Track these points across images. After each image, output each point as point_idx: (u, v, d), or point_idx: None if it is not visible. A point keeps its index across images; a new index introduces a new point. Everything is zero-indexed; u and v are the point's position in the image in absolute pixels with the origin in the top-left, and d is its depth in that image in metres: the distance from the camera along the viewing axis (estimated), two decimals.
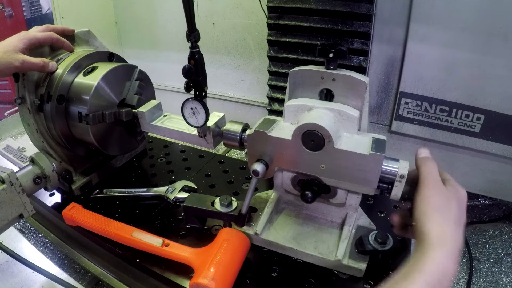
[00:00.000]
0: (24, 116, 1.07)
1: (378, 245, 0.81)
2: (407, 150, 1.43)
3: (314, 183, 0.82)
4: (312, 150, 0.75)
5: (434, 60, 1.21)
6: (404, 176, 0.72)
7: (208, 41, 1.92)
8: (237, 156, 1.86)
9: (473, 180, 1.35)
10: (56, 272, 1.06)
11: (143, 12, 2.11)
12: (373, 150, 0.71)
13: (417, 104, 1.29)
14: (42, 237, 1.28)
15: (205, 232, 0.96)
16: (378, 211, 1.02)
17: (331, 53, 0.75)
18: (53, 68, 1.00)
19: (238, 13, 1.78)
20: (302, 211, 0.96)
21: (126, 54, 1.28)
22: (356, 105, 0.80)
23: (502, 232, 1.38)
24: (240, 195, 1.11)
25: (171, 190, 1.09)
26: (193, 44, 0.75)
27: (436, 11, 1.14)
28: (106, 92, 1.05)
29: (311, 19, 1.21)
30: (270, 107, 1.42)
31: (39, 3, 2.82)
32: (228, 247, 0.80)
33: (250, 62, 1.89)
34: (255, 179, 0.83)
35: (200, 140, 0.95)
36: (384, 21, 1.25)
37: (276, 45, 1.32)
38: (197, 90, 0.81)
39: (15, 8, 2.48)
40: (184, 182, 1.13)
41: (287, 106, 0.82)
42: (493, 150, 1.23)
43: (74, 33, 1.15)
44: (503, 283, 1.18)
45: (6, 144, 1.64)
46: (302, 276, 0.83)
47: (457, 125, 1.26)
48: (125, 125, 1.14)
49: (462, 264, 1.26)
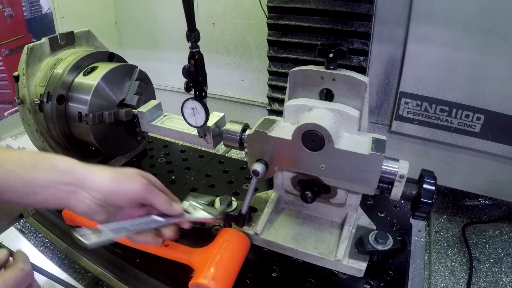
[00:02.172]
0: (24, 116, 1.07)
1: (378, 245, 0.81)
2: (407, 150, 1.43)
3: (314, 183, 0.82)
4: (312, 150, 0.75)
5: (434, 60, 1.21)
6: (404, 176, 0.73)
7: (208, 41, 1.92)
8: (237, 156, 1.86)
9: (473, 180, 1.35)
10: (56, 272, 1.06)
11: (143, 12, 2.11)
12: (373, 150, 0.71)
13: (417, 104, 1.29)
14: (42, 237, 1.28)
15: (205, 232, 0.96)
16: (378, 211, 1.02)
17: (331, 53, 0.76)
18: None
19: (238, 13, 1.78)
20: (302, 211, 0.96)
21: (126, 54, 1.28)
22: (356, 105, 0.80)
23: (502, 232, 1.38)
24: (240, 195, 1.11)
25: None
26: (193, 44, 0.75)
27: (436, 11, 1.14)
28: (106, 92, 1.05)
29: (311, 19, 1.21)
30: (270, 107, 1.41)
31: (39, 3, 2.82)
32: (228, 247, 0.80)
33: (250, 62, 1.89)
34: (255, 179, 0.83)
35: (200, 140, 0.95)
36: (384, 21, 1.24)
37: (276, 45, 1.32)
38: (197, 90, 0.81)
39: (15, 8, 2.48)
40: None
41: (287, 106, 0.82)
42: (493, 150, 1.23)
43: (74, 33, 1.16)
44: (503, 283, 1.18)
45: (6, 144, 1.64)
46: (302, 276, 0.83)
47: (457, 125, 1.25)
48: (125, 125, 1.14)
49: (462, 264, 1.26)
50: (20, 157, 0.64)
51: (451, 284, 1.20)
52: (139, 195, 0.69)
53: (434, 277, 1.22)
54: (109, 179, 0.67)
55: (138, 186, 0.68)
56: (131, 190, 0.68)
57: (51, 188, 0.63)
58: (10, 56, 2.44)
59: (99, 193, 0.66)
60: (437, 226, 1.44)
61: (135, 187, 0.68)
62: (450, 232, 1.41)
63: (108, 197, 0.67)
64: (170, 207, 0.73)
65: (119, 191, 0.67)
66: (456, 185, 1.40)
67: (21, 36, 2.53)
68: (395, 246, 0.81)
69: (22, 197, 0.63)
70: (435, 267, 1.26)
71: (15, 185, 0.62)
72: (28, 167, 0.63)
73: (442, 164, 1.38)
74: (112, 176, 0.68)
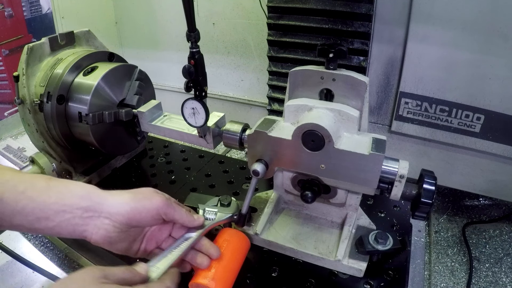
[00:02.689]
0: (24, 116, 1.07)
1: (378, 245, 0.81)
2: (407, 150, 1.43)
3: (314, 183, 0.82)
4: (312, 150, 0.75)
5: (434, 60, 1.21)
6: (404, 176, 0.73)
7: (208, 41, 1.92)
8: (237, 156, 1.86)
9: (473, 180, 1.35)
10: (56, 272, 1.06)
11: (143, 12, 2.11)
12: (373, 150, 0.71)
13: (417, 104, 1.29)
14: (42, 237, 1.28)
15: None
16: (378, 211, 1.02)
17: (331, 53, 0.75)
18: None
19: (238, 13, 1.78)
20: (302, 211, 0.96)
21: (126, 54, 1.28)
22: (356, 105, 0.80)
23: (502, 232, 1.38)
24: (240, 195, 1.11)
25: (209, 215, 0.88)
26: (193, 44, 0.75)
27: (436, 11, 1.14)
28: (106, 92, 1.05)
29: (311, 19, 1.21)
30: (270, 107, 1.41)
31: (39, 3, 2.82)
32: (228, 247, 0.80)
33: (250, 62, 1.88)
34: (255, 179, 0.83)
35: (200, 140, 0.95)
36: (384, 21, 1.24)
37: (276, 45, 1.32)
38: (197, 90, 0.81)
39: (15, 8, 2.48)
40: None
41: (287, 106, 0.82)
42: (493, 150, 1.23)
43: (74, 33, 1.16)
44: (503, 283, 1.18)
45: (6, 144, 1.64)
46: (302, 276, 0.83)
47: (457, 125, 1.25)
48: (125, 125, 1.15)
49: (462, 264, 1.26)
50: (33, 179, 0.60)
51: (451, 284, 1.20)
52: (161, 210, 0.67)
53: (434, 277, 1.22)
54: (128, 199, 0.64)
55: (158, 201, 0.67)
56: (153, 206, 0.66)
57: (65, 213, 0.59)
58: (10, 56, 2.44)
59: (120, 215, 0.62)
60: (437, 226, 1.44)
61: (156, 202, 0.66)
62: (450, 232, 1.41)
63: (131, 217, 0.63)
64: (192, 219, 0.72)
65: (141, 209, 0.65)
66: (456, 185, 1.40)
67: (21, 36, 2.53)
68: (395, 246, 0.81)
69: (32, 222, 0.58)
70: (435, 267, 1.26)
71: (26, 208, 0.57)
72: (40, 189, 0.59)
73: (442, 164, 1.38)
74: (130, 197, 0.65)
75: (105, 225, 0.61)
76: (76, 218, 0.59)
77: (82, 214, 0.60)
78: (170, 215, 0.68)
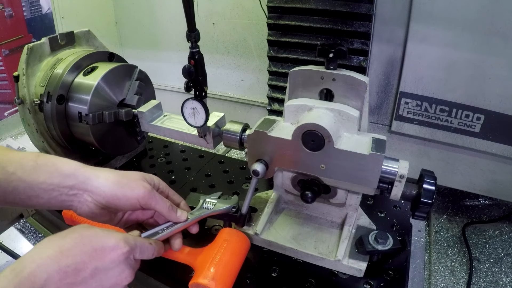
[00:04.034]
0: (24, 116, 1.07)
1: (378, 245, 0.81)
2: (407, 150, 1.43)
3: (314, 183, 0.82)
4: (312, 150, 0.75)
5: (434, 60, 1.21)
6: (404, 176, 0.72)
7: (208, 41, 1.92)
8: (237, 156, 1.86)
9: (473, 180, 1.35)
10: None
11: (143, 12, 2.11)
12: (373, 150, 0.71)
13: (417, 104, 1.29)
14: (42, 237, 1.28)
15: (205, 232, 0.96)
16: (378, 211, 1.02)
17: (331, 53, 0.75)
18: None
19: (238, 13, 1.78)
20: (302, 211, 0.96)
21: (126, 54, 1.28)
22: (356, 105, 0.80)
23: (502, 232, 1.38)
24: (240, 195, 1.11)
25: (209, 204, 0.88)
26: (193, 44, 0.75)
27: (436, 11, 1.14)
28: (106, 92, 1.05)
29: (311, 19, 1.21)
30: (270, 107, 1.42)
31: (39, 3, 2.82)
32: (228, 247, 0.80)
33: (250, 62, 1.89)
34: (255, 179, 0.83)
35: (200, 140, 0.95)
36: (384, 21, 1.24)
37: (276, 45, 1.32)
38: (197, 90, 0.81)
39: (15, 8, 2.49)
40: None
41: (287, 106, 0.82)
42: (493, 150, 1.23)
43: (74, 33, 1.16)
44: (503, 283, 1.18)
45: (6, 144, 1.64)
46: (302, 276, 0.83)
47: (457, 125, 1.26)
48: (125, 125, 1.15)
49: (462, 264, 1.27)
50: (22, 160, 0.64)
51: (451, 284, 1.20)
52: (141, 200, 0.69)
53: (434, 277, 1.22)
54: (111, 182, 0.68)
55: (140, 192, 0.69)
56: (133, 195, 0.68)
57: (53, 191, 0.64)
58: (10, 56, 2.45)
59: (100, 197, 0.67)
60: (437, 226, 1.44)
61: (137, 192, 0.68)
62: (450, 232, 1.41)
63: (110, 201, 0.67)
64: (172, 215, 0.75)
65: (121, 196, 0.68)
66: (456, 185, 1.40)
67: (21, 36, 2.53)
68: (395, 246, 0.81)
69: (24, 200, 0.63)
70: (435, 267, 1.26)
71: (17, 189, 0.62)
72: (30, 169, 0.63)
73: (442, 164, 1.38)
74: (114, 180, 0.68)
75: (87, 202, 0.67)
76: (63, 195, 0.65)
77: (68, 192, 0.65)
78: (150, 206, 0.71)
